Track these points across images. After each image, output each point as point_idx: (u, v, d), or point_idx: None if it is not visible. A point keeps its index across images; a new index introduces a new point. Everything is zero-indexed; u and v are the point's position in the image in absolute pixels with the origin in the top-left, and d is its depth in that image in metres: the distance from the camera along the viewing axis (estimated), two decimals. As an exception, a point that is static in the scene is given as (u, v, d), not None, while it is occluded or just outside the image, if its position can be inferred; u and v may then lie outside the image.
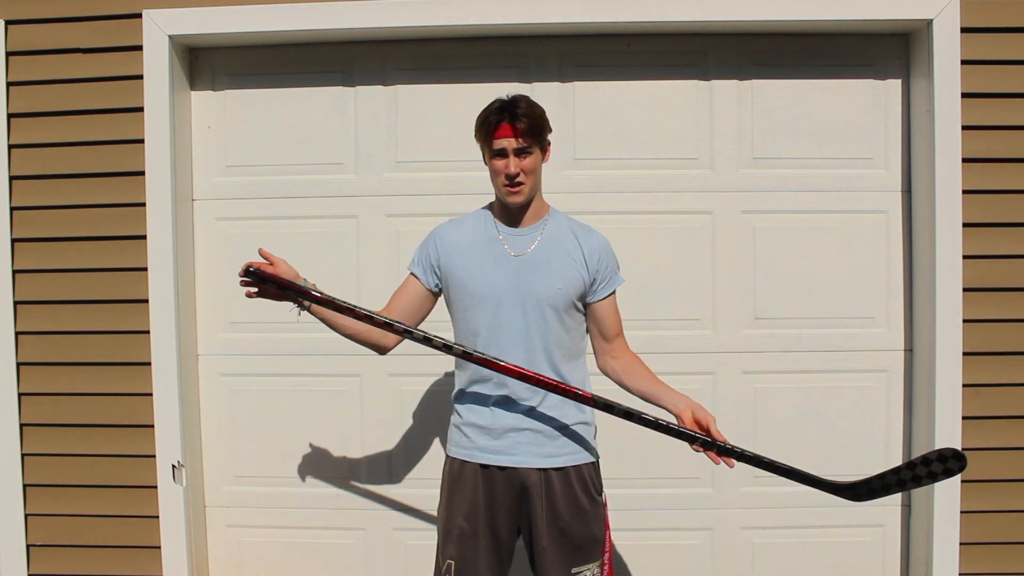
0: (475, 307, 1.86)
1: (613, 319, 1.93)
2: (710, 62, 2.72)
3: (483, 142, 1.84)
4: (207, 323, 2.82)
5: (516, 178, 1.80)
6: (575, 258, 1.87)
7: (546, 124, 1.86)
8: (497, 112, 1.80)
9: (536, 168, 1.84)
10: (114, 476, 2.70)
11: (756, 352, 2.73)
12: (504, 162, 1.81)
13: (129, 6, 2.60)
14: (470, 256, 1.88)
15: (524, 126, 1.78)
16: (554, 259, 1.86)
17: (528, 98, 1.85)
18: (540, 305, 1.84)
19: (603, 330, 1.93)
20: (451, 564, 1.87)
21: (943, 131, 2.51)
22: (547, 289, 1.84)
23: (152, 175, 2.62)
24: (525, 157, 1.80)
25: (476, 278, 1.85)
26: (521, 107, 1.80)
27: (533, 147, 1.81)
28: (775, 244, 2.72)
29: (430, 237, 1.95)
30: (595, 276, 1.88)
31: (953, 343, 2.53)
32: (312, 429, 2.80)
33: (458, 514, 1.88)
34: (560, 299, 1.84)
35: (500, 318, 1.84)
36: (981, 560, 2.60)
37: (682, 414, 1.79)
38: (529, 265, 1.85)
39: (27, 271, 2.69)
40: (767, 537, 2.76)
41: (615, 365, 1.93)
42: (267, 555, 2.83)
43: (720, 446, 1.73)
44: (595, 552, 1.88)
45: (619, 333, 1.95)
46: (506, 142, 1.79)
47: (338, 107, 2.77)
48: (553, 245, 1.88)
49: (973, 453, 2.56)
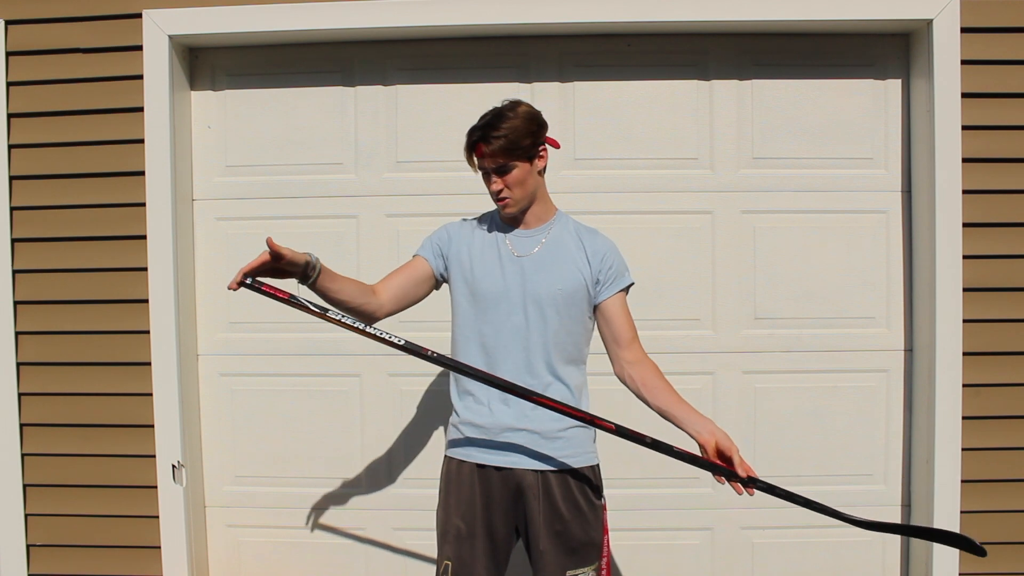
0: (477, 304, 1.86)
1: (622, 320, 1.87)
2: (710, 62, 2.72)
3: (467, 160, 1.87)
4: (207, 323, 2.82)
5: (500, 193, 1.83)
6: (577, 259, 1.87)
7: (530, 136, 1.80)
8: (475, 131, 1.82)
9: (522, 179, 1.82)
10: (114, 476, 2.70)
11: (756, 352, 2.73)
12: (488, 179, 1.84)
13: (129, 6, 2.61)
14: (476, 252, 1.89)
15: (496, 147, 1.77)
16: (557, 260, 1.86)
17: (516, 110, 1.81)
18: (540, 305, 1.84)
19: (614, 333, 1.88)
20: (448, 565, 1.87)
21: (943, 131, 2.51)
22: (548, 289, 1.84)
23: (152, 175, 2.62)
24: (506, 173, 1.81)
25: (480, 274, 1.86)
26: (498, 127, 1.77)
27: (512, 162, 1.79)
28: (775, 244, 2.72)
29: (442, 228, 1.97)
30: (597, 276, 1.87)
31: (953, 343, 2.53)
32: (312, 429, 2.80)
33: (455, 515, 1.87)
34: (561, 299, 1.84)
35: (500, 316, 1.84)
36: (981, 560, 2.58)
37: (706, 444, 1.73)
38: (532, 266, 1.86)
39: (27, 271, 2.69)
40: (767, 537, 2.76)
41: (633, 374, 1.85)
42: (267, 555, 2.83)
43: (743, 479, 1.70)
44: (592, 555, 1.87)
45: (633, 338, 1.87)
46: (483, 162, 1.82)
47: (338, 107, 2.77)
48: (556, 247, 1.88)
49: (973, 453, 2.57)
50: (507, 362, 1.83)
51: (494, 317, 1.85)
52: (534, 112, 1.85)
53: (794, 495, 1.74)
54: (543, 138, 1.86)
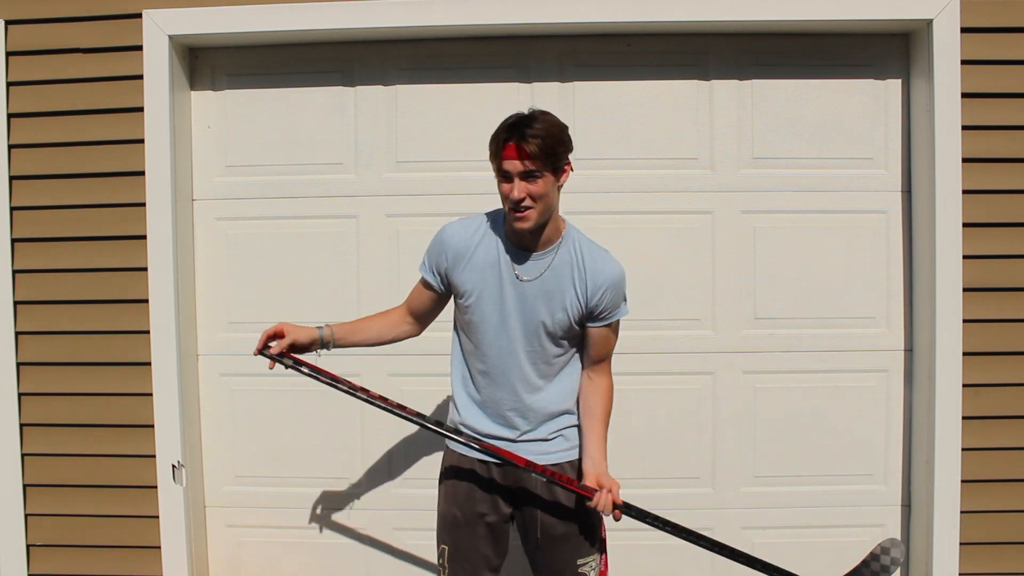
0: (476, 323, 1.85)
1: (603, 346, 1.88)
2: (710, 62, 2.72)
3: (492, 159, 1.71)
4: (207, 323, 2.81)
5: (521, 203, 1.67)
6: (579, 291, 1.79)
7: (563, 145, 1.71)
8: (507, 130, 1.67)
9: (547, 193, 1.68)
10: (114, 476, 2.70)
11: (756, 352, 2.73)
12: (510, 186, 1.67)
13: (129, 6, 2.60)
14: (478, 273, 1.82)
15: (533, 148, 1.63)
16: (559, 289, 1.80)
17: (547, 114, 1.71)
18: (538, 331, 1.82)
19: (591, 352, 1.89)
20: (444, 549, 1.89)
21: (943, 131, 2.51)
22: (548, 318, 1.81)
23: (152, 175, 2.61)
24: (533, 181, 1.66)
25: (482, 298, 1.82)
26: (534, 126, 1.65)
27: (543, 171, 1.66)
28: (775, 244, 2.72)
29: (441, 243, 1.85)
30: (591, 311, 1.81)
31: (953, 343, 2.53)
32: (312, 429, 2.80)
33: (453, 504, 1.90)
34: (559, 328, 1.82)
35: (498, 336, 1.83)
36: (981, 560, 2.60)
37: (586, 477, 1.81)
38: (534, 292, 1.80)
39: (27, 271, 2.69)
40: (767, 537, 2.76)
41: (584, 385, 1.90)
42: (267, 555, 2.83)
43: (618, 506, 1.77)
44: (592, 539, 1.90)
45: (605, 359, 1.89)
46: (511, 164, 1.65)
47: (338, 107, 2.77)
48: (560, 274, 1.80)
49: (973, 453, 2.57)
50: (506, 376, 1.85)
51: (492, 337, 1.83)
52: (564, 124, 1.75)
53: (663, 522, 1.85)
54: (568, 154, 1.76)
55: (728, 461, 2.74)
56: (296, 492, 2.81)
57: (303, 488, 2.81)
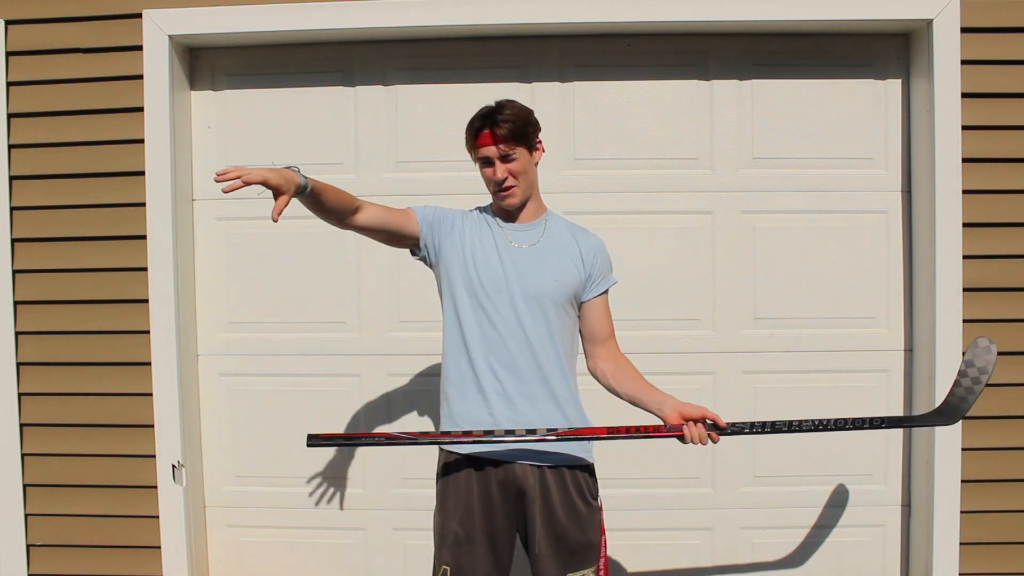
0: (475, 294, 1.84)
1: (604, 320, 1.94)
2: (710, 62, 2.72)
3: (470, 150, 1.88)
4: (207, 323, 2.81)
5: (505, 182, 1.84)
6: (572, 255, 1.90)
7: (531, 125, 1.87)
8: (480, 119, 1.84)
9: (525, 168, 1.85)
10: (114, 476, 2.70)
11: (756, 352, 2.73)
12: (491, 169, 1.85)
13: (129, 6, 2.60)
14: (475, 241, 1.88)
15: (504, 131, 1.80)
16: (555, 254, 1.88)
17: (513, 102, 1.86)
18: (538, 298, 1.83)
19: (594, 331, 1.93)
20: (447, 570, 1.85)
21: (943, 131, 2.51)
22: (545, 282, 1.84)
23: (152, 175, 2.62)
24: (510, 161, 1.83)
25: (477, 264, 1.85)
26: (504, 112, 1.82)
27: (517, 149, 1.82)
28: (775, 244, 2.72)
29: (446, 211, 1.94)
30: (590, 272, 1.90)
31: (953, 343, 2.53)
32: (312, 429, 2.78)
33: (452, 519, 1.85)
34: (558, 293, 1.85)
35: (500, 306, 1.83)
36: (981, 560, 2.60)
37: (668, 419, 1.82)
38: (530, 257, 1.86)
39: (27, 271, 2.69)
40: (767, 537, 2.76)
41: (605, 368, 1.93)
42: (267, 555, 2.83)
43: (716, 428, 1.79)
44: (591, 557, 1.87)
45: (610, 336, 1.95)
46: (488, 150, 1.82)
47: (338, 107, 2.77)
48: (554, 241, 1.91)
49: (973, 453, 2.57)
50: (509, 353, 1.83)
51: (493, 307, 1.83)
52: (530, 108, 1.91)
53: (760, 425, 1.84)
54: (538, 133, 1.90)
55: (728, 461, 2.75)
56: (296, 492, 2.81)
57: (303, 488, 2.81)
